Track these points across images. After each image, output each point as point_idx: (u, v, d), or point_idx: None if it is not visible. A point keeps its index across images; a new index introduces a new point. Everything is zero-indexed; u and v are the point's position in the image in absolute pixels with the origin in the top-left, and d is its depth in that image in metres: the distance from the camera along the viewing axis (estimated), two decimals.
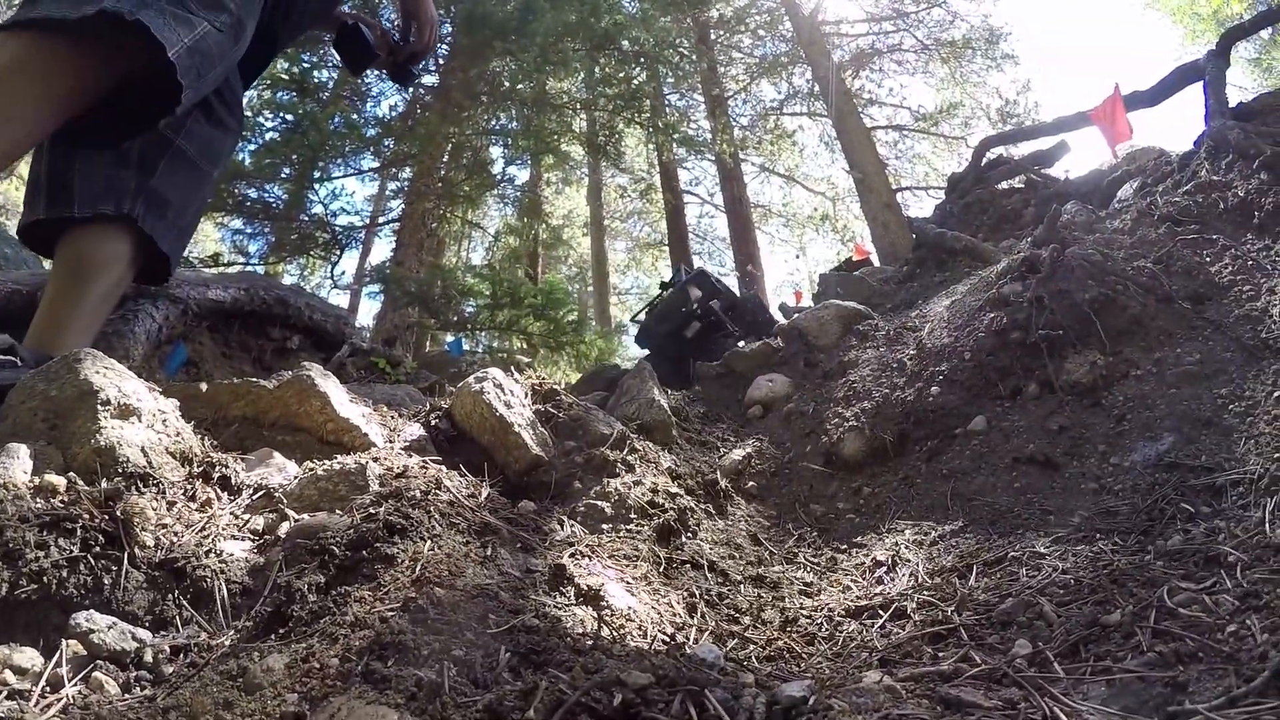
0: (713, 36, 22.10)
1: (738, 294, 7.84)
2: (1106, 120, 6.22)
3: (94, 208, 2.48)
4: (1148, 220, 3.87)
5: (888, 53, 22.57)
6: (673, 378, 5.54)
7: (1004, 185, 7.48)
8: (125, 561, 1.47)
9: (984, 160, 7.89)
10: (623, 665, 1.33)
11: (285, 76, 12.00)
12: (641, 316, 8.67)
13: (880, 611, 2.07)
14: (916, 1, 21.92)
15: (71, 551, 1.42)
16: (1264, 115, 4.41)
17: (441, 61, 13.33)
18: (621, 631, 1.72)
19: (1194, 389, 2.77)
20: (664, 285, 9.21)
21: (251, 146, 11.59)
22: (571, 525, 2.34)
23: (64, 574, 1.39)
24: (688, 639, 1.82)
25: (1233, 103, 4.70)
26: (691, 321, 7.30)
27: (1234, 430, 2.49)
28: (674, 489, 2.76)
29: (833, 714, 1.20)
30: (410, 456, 2.36)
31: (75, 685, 1.24)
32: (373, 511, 1.77)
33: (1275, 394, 2.50)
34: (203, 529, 1.69)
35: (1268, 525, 1.95)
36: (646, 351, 8.05)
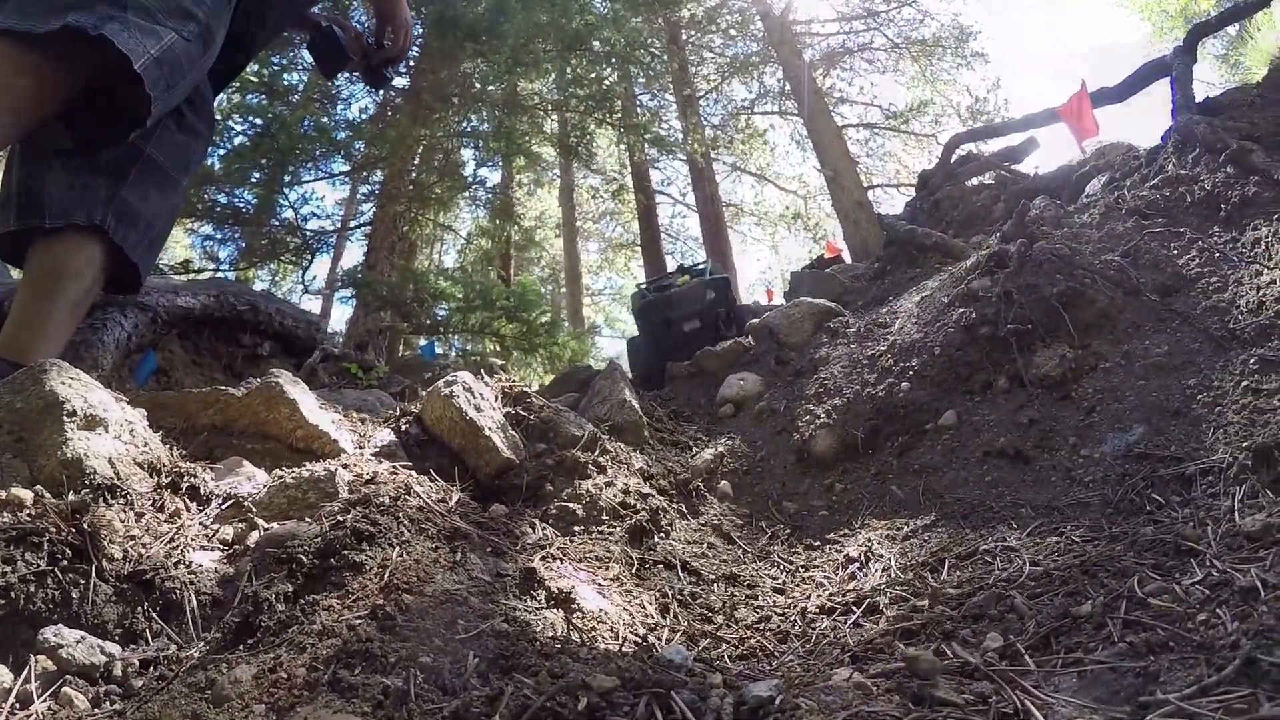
0: (684, 37, 22.09)
1: (736, 308, 8.03)
2: (1074, 117, 6.28)
3: (65, 218, 2.45)
4: (1116, 214, 3.91)
5: (858, 51, 22.64)
6: (654, 367, 5.67)
7: (974, 182, 7.56)
8: (93, 574, 1.45)
9: (954, 157, 7.97)
10: (589, 669, 1.33)
11: (254, 79, 11.88)
12: (649, 292, 8.76)
13: (853, 608, 2.08)
14: (887, 1, 22.01)
15: (39, 565, 1.40)
16: (1230, 110, 4.46)
17: (412, 63, 13.27)
18: (591, 634, 1.72)
19: (1162, 380, 2.79)
20: (683, 269, 9.51)
21: (221, 151, 11.48)
22: (543, 528, 2.33)
23: (31, 588, 1.38)
24: (659, 640, 1.82)
25: (1199, 98, 4.75)
26: (694, 318, 7.54)
27: (1202, 420, 2.51)
28: (646, 489, 2.76)
29: (800, 713, 1.20)
30: (380, 462, 2.35)
31: (45, 701, 1.23)
32: (341, 519, 1.76)
33: (1243, 384, 2.53)
34: (171, 540, 1.68)
35: (1237, 514, 1.97)
36: (633, 335, 8.24)
